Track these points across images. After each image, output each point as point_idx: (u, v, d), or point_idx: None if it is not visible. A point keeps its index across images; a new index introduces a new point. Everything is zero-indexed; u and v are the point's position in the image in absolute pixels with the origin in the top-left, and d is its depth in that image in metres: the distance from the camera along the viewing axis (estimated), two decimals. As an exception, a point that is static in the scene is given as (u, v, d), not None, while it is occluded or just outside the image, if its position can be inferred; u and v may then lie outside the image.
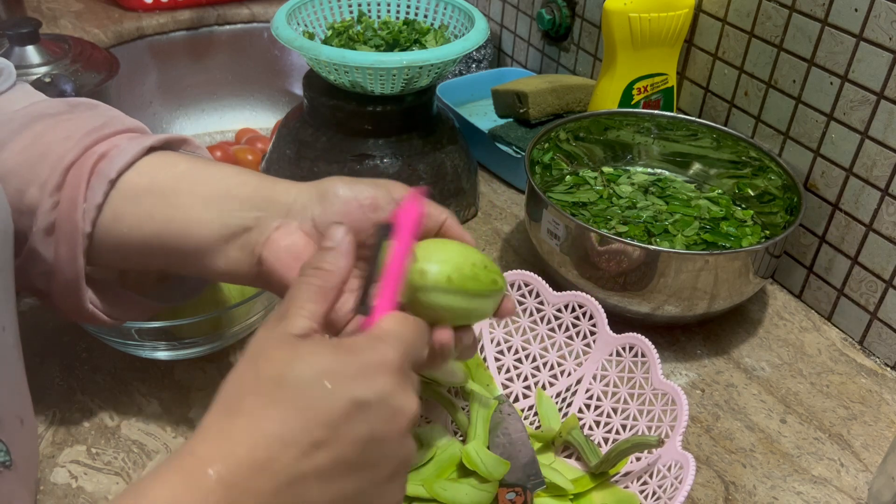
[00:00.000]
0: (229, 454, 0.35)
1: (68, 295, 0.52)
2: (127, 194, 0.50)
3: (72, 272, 0.50)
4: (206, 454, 0.35)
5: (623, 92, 0.85)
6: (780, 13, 0.74)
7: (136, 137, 0.52)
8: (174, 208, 0.50)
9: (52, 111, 0.52)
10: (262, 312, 0.66)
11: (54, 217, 0.49)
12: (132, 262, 0.53)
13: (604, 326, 0.61)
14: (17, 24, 0.91)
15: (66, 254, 0.50)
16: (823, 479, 0.61)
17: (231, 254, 0.50)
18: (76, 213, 0.49)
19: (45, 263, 0.50)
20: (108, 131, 0.51)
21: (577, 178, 0.84)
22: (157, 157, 0.51)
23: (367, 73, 0.73)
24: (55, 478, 0.56)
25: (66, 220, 0.49)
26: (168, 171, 0.51)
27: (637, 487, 0.53)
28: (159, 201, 0.50)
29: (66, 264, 0.50)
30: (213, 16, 1.28)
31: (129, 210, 0.50)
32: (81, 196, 0.48)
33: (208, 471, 0.34)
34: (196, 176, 0.51)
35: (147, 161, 0.51)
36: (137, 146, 0.50)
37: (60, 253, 0.50)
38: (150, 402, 0.63)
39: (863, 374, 0.70)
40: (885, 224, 0.69)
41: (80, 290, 0.51)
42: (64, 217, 0.49)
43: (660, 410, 0.55)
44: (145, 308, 0.57)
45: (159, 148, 0.52)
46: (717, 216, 0.78)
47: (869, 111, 0.68)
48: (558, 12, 1.02)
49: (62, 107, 0.53)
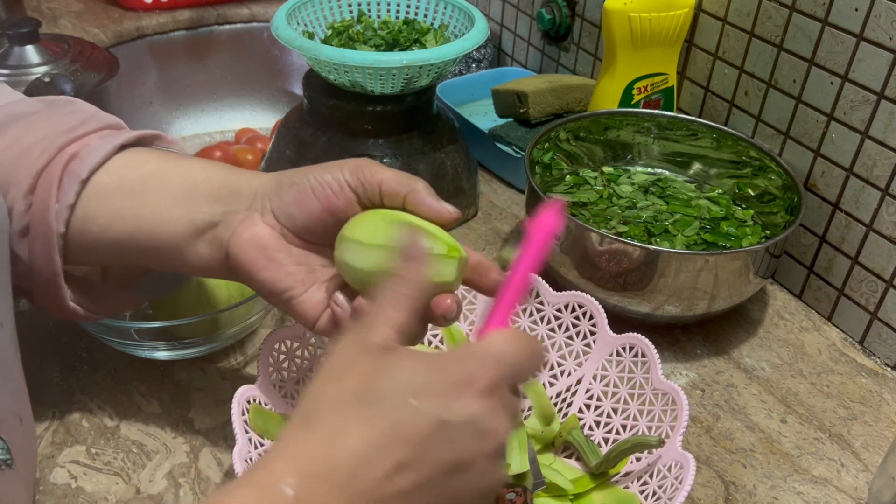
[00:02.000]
0: (307, 472, 0.33)
1: (48, 294, 0.52)
2: (97, 194, 0.50)
3: (49, 272, 0.51)
4: (282, 469, 0.33)
5: (623, 92, 0.85)
6: (781, 13, 0.74)
7: (109, 135, 0.52)
8: (143, 207, 0.50)
9: (29, 110, 0.52)
10: (261, 312, 0.66)
11: (28, 219, 0.49)
12: (108, 259, 0.53)
13: (604, 326, 0.61)
14: (17, 24, 0.91)
15: (42, 255, 0.50)
16: (824, 479, 0.60)
17: (201, 250, 0.50)
18: (49, 214, 0.49)
19: (23, 264, 0.51)
20: (83, 131, 0.51)
21: (577, 178, 0.84)
22: (127, 156, 0.51)
23: (367, 73, 0.73)
24: (55, 478, 0.56)
25: (40, 221, 0.49)
26: (137, 171, 0.51)
27: (637, 487, 0.53)
28: (129, 201, 0.50)
29: (42, 265, 0.50)
30: (213, 16, 1.28)
31: (100, 210, 0.50)
32: (53, 197, 0.49)
33: (284, 488, 0.33)
34: (164, 174, 0.50)
35: (117, 160, 0.51)
36: (109, 144, 0.50)
37: (36, 254, 0.50)
38: (149, 402, 0.63)
39: (863, 374, 0.70)
40: (886, 224, 0.69)
41: (59, 289, 0.52)
42: (37, 219, 0.49)
43: (660, 410, 0.55)
44: (128, 302, 0.57)
45: (132, 145, 0.52)
46: (718, 216, 0.78)
47: (869, 111, 0.68)
48: (558, 12, 1.02)
49: (39, 105, 0.53)
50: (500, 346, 0.38)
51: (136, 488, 0.56)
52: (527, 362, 0.39)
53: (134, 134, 0.53)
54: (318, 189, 0.48)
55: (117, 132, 0.53)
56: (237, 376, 0.66)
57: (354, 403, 0.35)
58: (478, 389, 0.36)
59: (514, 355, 0.38)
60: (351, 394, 0.35)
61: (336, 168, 0.48)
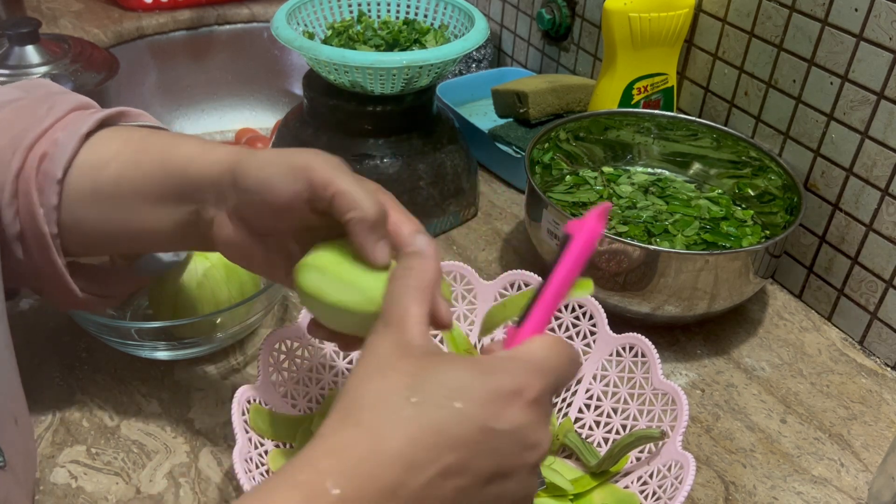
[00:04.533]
0: (353, 472, 0.33)
1: (58, 291, 0.53)
2: (78, 201, 0.50)
3: (53, 272, 0.51)
4: (327, 468, 0.33)
5: (623, 92, 0.85)
6: (780, 13, 0.74)
7: (74, 122, 0.51)
8: (124, 211, 0.50)
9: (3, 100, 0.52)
10: (261, 312, 0.66)
11: (19, 225, 0.50)
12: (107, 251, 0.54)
13: (604, 326, 0.61)
14: (17, 24, 0.91)
15: (42, 257, 0.51)
16: (823, 479, 0.60)
17: (192, 243, 0.52)
18: (37, 220, 0.49)
19: (26, 266, 0.51)
20: (49, 122, 0.51)
21: (577, 178, 0.84)
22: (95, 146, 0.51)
23: (367, 73, 0.73)
24: (55, 478, 0.56)
25: (30, 227, 0.50)
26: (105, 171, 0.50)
27: (637, 487, 0.53)
28: (109, 206, 0.50)
29: (45, 266, 0.51)
30: (213, 16, 1.28)
31: (86, 215, 0.50)
32: (36, 202, 0.49)
33: (329, 486, 0.32)
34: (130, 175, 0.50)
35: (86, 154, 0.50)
36: (74, 137, 0.50)
37: (35, 258, 0.51)
38: (149, 402, 0.63)
39: (863, 374, 0.70)
40: (885, 224, 0.69)
41: (66, 284, 0.52)
42: (27, 225, 0.50)
43: (660, 410, 0.55)
44: (132, 281, 0.59)
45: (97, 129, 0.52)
46: (717, 216, 0.78)
47: (869, 111, 0.68)
48: (558, 12, 1.02)
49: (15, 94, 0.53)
50: (543, 355, 0.37)
51: (137, 488, 0.56)
52: (567, 371, 0.38)
53: (97, 117, 0.52)
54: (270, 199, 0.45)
55: (82, 117, 0.52)
56: (237, 376, 0.66)
57: (400, 402, 0.34)
58: (526, 400, 0.35)
59: (556, 364, 0.37)
60: (396, 392, 0.34)
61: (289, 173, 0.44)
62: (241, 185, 0.46)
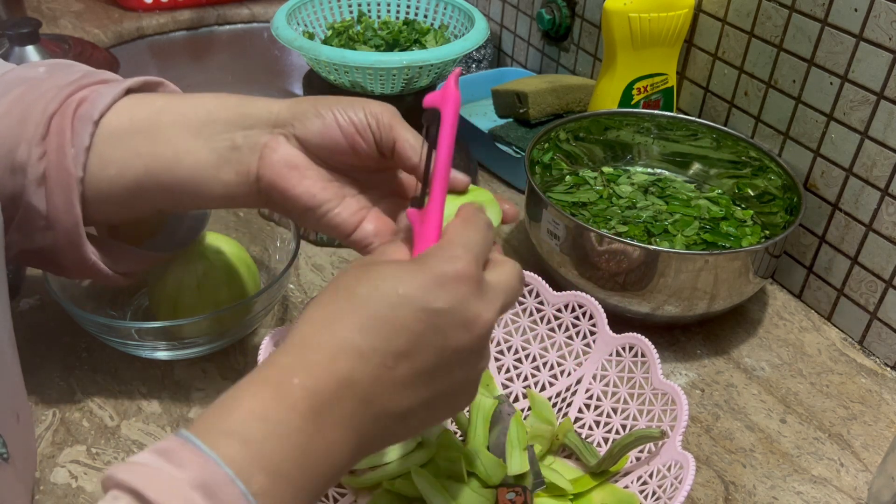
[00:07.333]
0: (311, 365, 0.35)
1: (69, 248, 0.52)
2: (110, 137, 0.49)
3: (70, 221, 0.50)
4: (288, 364, 0.36)
5: (623, 92, 0.85)
6: (780, 13, 0.74)
7: (113, 83, 0.52)
8: (159, 143, 0.49)
9: (30, 75, 0.52)
10: (261, 312, 0.66)
11: (43, 167, 0.49)
12: (126, 208, 0.52)
13: (604, 326, 0.61)
14: (17, 24, 0.91)
15: (62, 202, 0.49)
16: (823, 479, 0.61)
17: (226, 178, 0.49)
18: (66, 158, 0.48)
19: (42, 217, 0.50)
20: (86, 81, 0.51)
21: (577, 178, 0.84)
22: (134, 98, 0.52)
23: (367, 73, 0.73)
24: (55, 477, 0.56)
25: (57, 167, 0.49)
26: (147, 109, 0.50)
27: (637, 487, 0.53)
28: (143, 139, 0.49)
29: (62, 214, 0.50)
30: (213, 16, 1.28)
31: (115, 153, 0.50)
32: (68, 142, 0.48)
33: (293, 380, 0.35)
34: (175, 108, 0.50)
35: (125, 102, 0.51)
36: (115, 89, 0.50)
37: (55, 202, 0.49)
38: (150, 402, 0.63)
39: (863, 374, 0.70)
40: (885, 224, 0.69)
41: (80, 237, 0.51)
42: (53, 165, 0.49)
43: (660, 410, 0.55)
44: (141, 259, 0.57)
45: (137, 90, 0.52)
46: (717, 216, 0.78)
47: (869, 111, 0.68)
48: (558, 12, 1.02)
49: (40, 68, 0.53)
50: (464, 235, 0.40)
51: (137, 488, 0.56)
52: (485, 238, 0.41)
53: (139, 79, 0.53)
54: (344, 126, 0.48)
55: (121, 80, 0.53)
56: (237, 376, 0.66)
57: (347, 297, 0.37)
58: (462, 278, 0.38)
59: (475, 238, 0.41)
60: (344, 289, 0.38)
61: (359, 107, 0.48)
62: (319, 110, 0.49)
